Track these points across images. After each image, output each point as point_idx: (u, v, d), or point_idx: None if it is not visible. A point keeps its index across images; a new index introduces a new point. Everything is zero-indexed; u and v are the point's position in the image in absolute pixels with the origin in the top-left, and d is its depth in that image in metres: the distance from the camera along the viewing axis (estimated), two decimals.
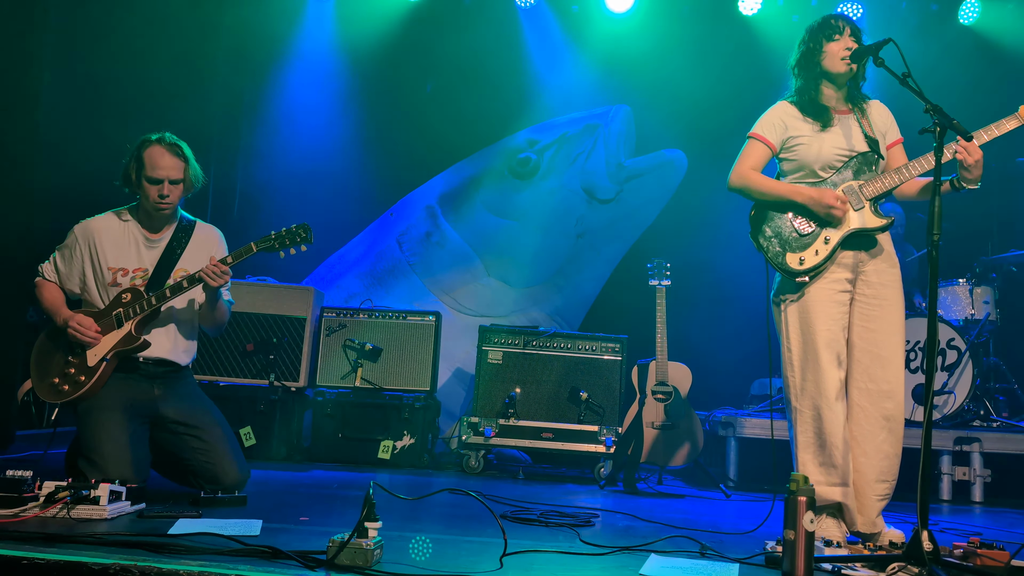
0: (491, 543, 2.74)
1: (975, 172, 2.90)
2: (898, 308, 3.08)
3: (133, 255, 3.46)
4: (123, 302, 3.35)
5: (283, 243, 3.37)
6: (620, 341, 4.96)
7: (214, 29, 6.44)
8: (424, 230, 6.16)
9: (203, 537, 2.53)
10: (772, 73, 6.09)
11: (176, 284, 3.33)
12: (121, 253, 3.45)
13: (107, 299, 3.39)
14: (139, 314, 3.32)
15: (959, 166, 2.93)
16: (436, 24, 6.61)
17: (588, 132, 6.16)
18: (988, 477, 4.73)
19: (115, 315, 3.33)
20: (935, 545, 2.48)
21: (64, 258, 3.47)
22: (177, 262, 3.48)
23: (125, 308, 3.33)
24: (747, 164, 3.19)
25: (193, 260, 3.48)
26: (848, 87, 3.17)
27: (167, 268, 3.46)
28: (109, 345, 3.31)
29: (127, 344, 3.32)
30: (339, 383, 5.08)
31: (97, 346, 3.31)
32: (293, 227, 3.38)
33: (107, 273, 3.42)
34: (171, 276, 3.44)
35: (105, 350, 3.31)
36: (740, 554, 2.77)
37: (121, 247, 3.45)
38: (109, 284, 3.41)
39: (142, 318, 3.33)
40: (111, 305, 3.36)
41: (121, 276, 3.42)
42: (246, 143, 6.71)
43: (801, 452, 3.08)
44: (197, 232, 3.57)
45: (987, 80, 5.97)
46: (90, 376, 3.28)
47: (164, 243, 3.49)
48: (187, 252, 3.50)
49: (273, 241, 3.37)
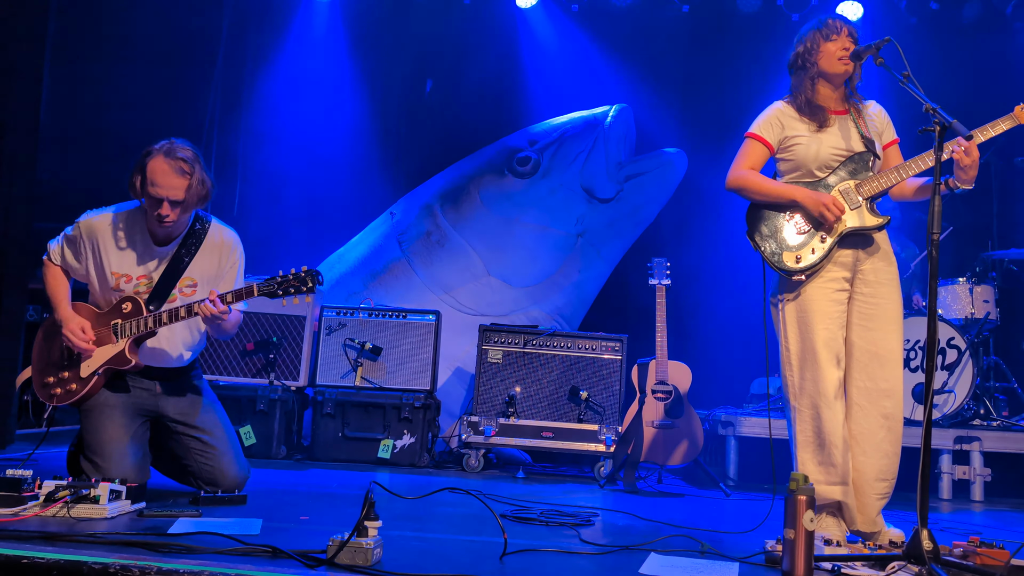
0: (491, 542, 2.74)
1: (971, 173, 2.89)
2: (896, 306, 3.08)
3: (138, 261, 3.30)
4: (123, 312, 3.22)
5: (287, 289, 3.12)
6: (620, 340, 4.96)
7: (216, 28, 6.45)
8: (424, 229, 6.15)
9: (203, 536, 2.53)
10: (772, 72, 6.10)
11: (173, 311, 3.17)
12: (125, 258, 3.29)
13: (110, 300, 3.28)
14: (134, 334, 3.20)
15: (955, 166, 2.92)
16: (436, 23, 6.60)
17: (588, 131, 6.15)
18: (988, 476, 4.73)
19: (113, 325, 3.22)
20: (935, 544, 2.48)
21: (69, 248, 3.33)
22: (184, 271, 3.30)
23: (123, 322, 3.21)
24: (745, 164, 3.19)
25: (202, 268, 3.34)
26: (845, 87, 3.17)
27: (173, 277, 3.29)
28: (102, 359, 3.21)
29: (118, 364, 3.21)
30: (339, 382, 5.08)
31: (91, 358, 3.22)
32: (303, 271, 3.12)
33: (110, 277, 3.28)
34: (176, 285, 3.30)
35: (98, 363, 3.21)
36: (740, 553, 2.77)
37: (125, 252, 3.29)
38: (112, 288, 3.28)
39: (137, 337, 3.22)
40: (111, 311, 3.25)
41: (124, 282, 3.28)
42: (245, 145, 6.70)
43: (800, 451, 3.09)
44: (210, 236, 3.36)
45: (987, 79, 5.97)
46: (82, 386, 3.20)
47: (172, 251, 3.30)
48: (196, 260, 3.32)
49: (277, 287, 3.13)
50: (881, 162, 3.15)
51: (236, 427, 4.68)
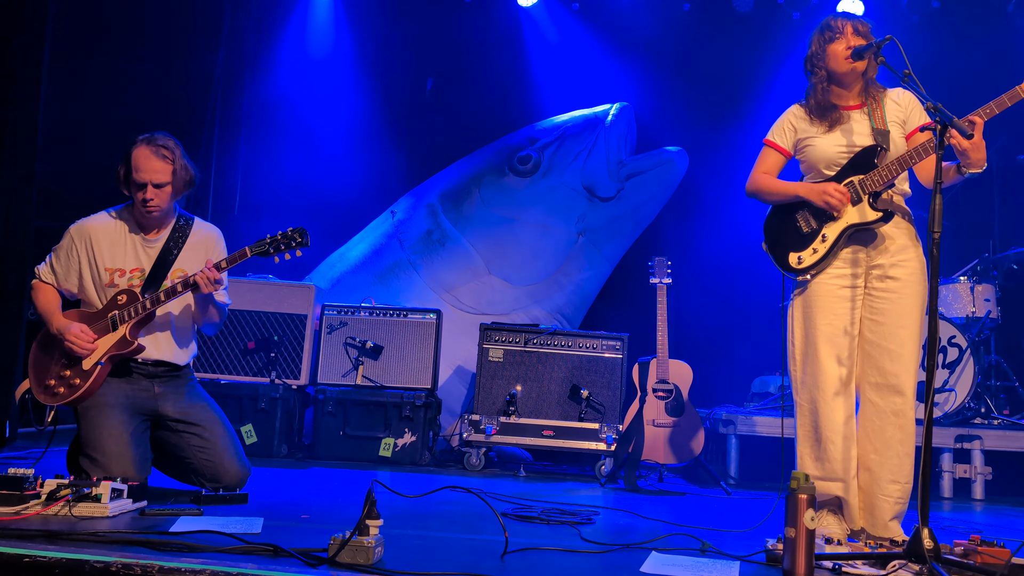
0: (492, 540, 2.74)
1: (973, 156, 2.81)
2: (911, 301, 3.02)
3: (130, 255, 3.41)
4: (119, 304, 3.30)
5: (277, 247, 3.30)
6: (621, 339, 4.96)
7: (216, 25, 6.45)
8: (425, 228, 6.15)
9: (204, 535, 2.54)
10: (774, 70, 6.11)
11: (171, 287, 3.29)
12: (117, 253, 3.40)
13: (104, 299, 3.35)
14: (134, 317, 3.27)
15: (956, 151, 2.88)
16: (437, 21, 6.60)
17: (589, 129, 6.14)
18: (989, 475, 4.73)
19: (110, 317, 3.29)
20: (936, 543, 2.48)
21: (60, 259, 3.43)
22: (174, 263, 3.43)
23: (120, 311, 3.29)
24: (760, 169, 3.26)
25: (190, 261, 3.44)
26: (863, 82, 3.13)
27: (164, 269, 3.41)
28: (104, 348, 3.27)
29: (122, 348, 3.27)
30: (340, 381, 5.08)
31: (92, 353, 3.26)
32: (289, 231, 3.30)
33: (104, 274, 3.38)
34: (168, 277, 3.40)
35: (100, 354, 3.26)
36: (741, 552, 2.77)
37: (117, 247, 3.41)
38: (106, 285, 3.37)
39: (137, 321, 3.28)
40: (107, 307, 3.32)
41: (118, 277, 3.38)
42: (245, 145, 6.70)
43: (800, 446, 3.12)
44: (195, 232, 3.51)
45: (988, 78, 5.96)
46: (85, 379, 3.24)
47: (161, 243, 3.44)
48: (184, 253, 3.45)
49: (268, 245, 3.30)
50: (892, 152, 3.05)
51: (237, 426, 4.70)
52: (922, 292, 3.04)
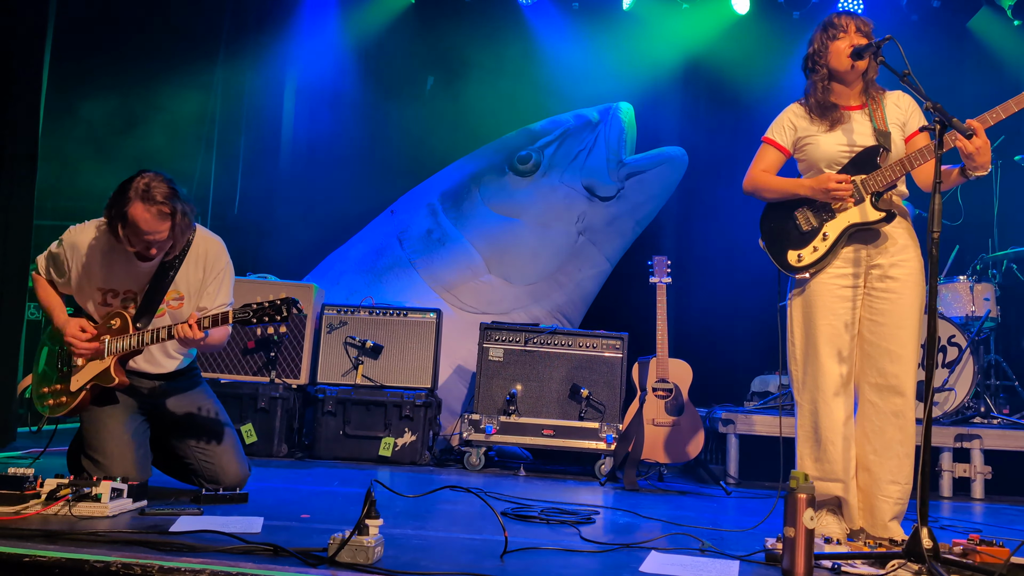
0: (492, 540, 2.74)
1: (978, 159, 2.81)
2: (911, 301, 3.01)
3: (123, 276, 3.24)
4: (111, 328, 3.19)
5: (260, 317, 2.99)
6: (621, 338, 4.96)
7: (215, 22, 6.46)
8: (425, 227, 6.16)
9: (204, 534, 2.54)
10: (774, 70, 6.10)
11: (156, 333, 3.12)
12: (111, 273, 3.24)
13: (98, 315, 3.26)
14: (119, 352, 3.16)
15: (960, 154, 2.87)
16: (437, 20, 6.61)
17: (589, 129, 6.15)
18: (988, 474, 4.73)
19: (103, 340, 3.18)
20: (935, 542, 2.48)
21: (56, 265, 3.30)
22: (170, 285, 3.26)
23: (111, 338, 3.17)
24: (758, 167, 3.23)
25: (188, 279, 3.30)
26: (863, 82, 3.13)
27: (159, 291, 3.25)
28: (90, 375, 3.17)
29: (104, 381, 3.16)
30: (340, 380, 5.08)
31: (81, 371, 3.19)
32: (278, 300, 2.99)
33: (96, 293, 3.26)
34: (164, 299, 3.26)
35: (86, 378, 3.18)
36: (740, 551, 2.77)
37: (111, 267, 3.23)
38: (99, 304, 3.27)
39: (122, 356, 3.18)
40: (102, 323, 3.22)
41: (111, 298, 3.26)
42: (246, 142, 6.70)
43: (800, 445, 3.11)
44: (195, 245, 3.31)
45: (988, 77, 5.96)
46: (72, 399, 3.19)
47: (156, 263, 3.23)
48: (182, 271, 3.28)
49: (252, 315, 3.00)
50: (893, 154, 3.05)
51: (237, 425, 4.69)
52: (921, 292, 3.05)
